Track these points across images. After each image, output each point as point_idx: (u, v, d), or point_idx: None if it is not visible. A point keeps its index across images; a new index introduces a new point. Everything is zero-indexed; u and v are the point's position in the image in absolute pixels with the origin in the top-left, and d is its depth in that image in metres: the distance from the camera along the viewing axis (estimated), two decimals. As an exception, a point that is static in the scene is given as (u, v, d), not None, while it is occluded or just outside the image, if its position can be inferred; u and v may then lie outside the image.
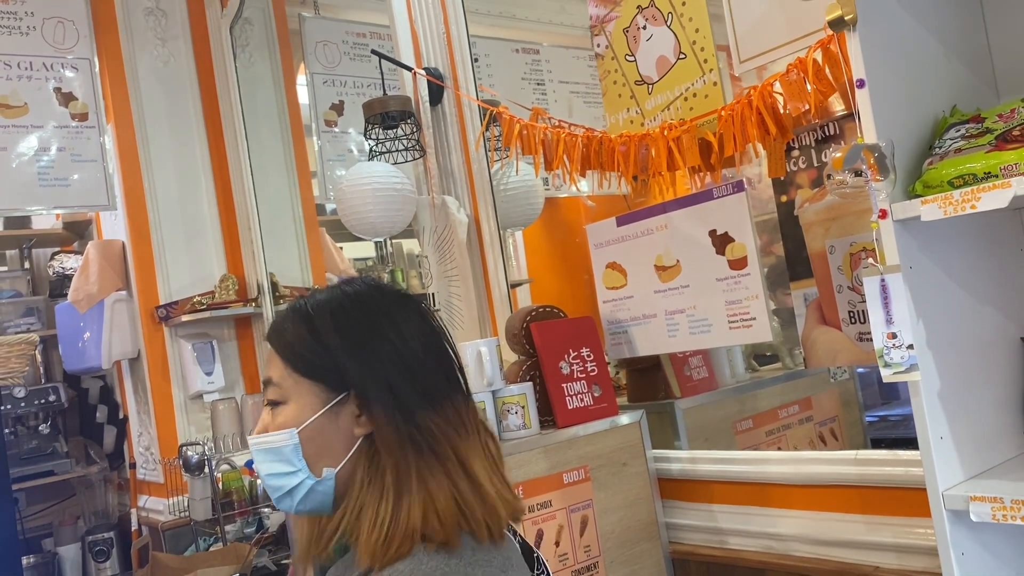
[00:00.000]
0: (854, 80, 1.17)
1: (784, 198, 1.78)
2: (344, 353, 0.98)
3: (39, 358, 3.72)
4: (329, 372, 0.99)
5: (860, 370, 2.51)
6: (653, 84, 1.95)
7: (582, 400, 2.01)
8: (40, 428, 3.50)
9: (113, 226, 3.46)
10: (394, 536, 0.90)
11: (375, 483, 0.95)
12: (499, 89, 3.31)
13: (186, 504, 2.83)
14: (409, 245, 5.32)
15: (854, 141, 1.17)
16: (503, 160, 2.53)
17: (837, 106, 1.71)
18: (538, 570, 1.03)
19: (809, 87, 1.58)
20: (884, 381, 1.14)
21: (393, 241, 5.31)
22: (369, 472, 0.96)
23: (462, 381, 1.03)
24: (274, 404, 1.02)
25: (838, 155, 1.14)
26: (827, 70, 1.56)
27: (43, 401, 3.49)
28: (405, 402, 0.95)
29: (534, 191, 2.64)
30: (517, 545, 1.00)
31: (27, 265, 3.94)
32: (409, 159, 2.51)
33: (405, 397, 0.95)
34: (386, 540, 0.90)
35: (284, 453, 0.99)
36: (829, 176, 1.15)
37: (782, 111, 1.66)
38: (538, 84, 3.76)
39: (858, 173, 1.14)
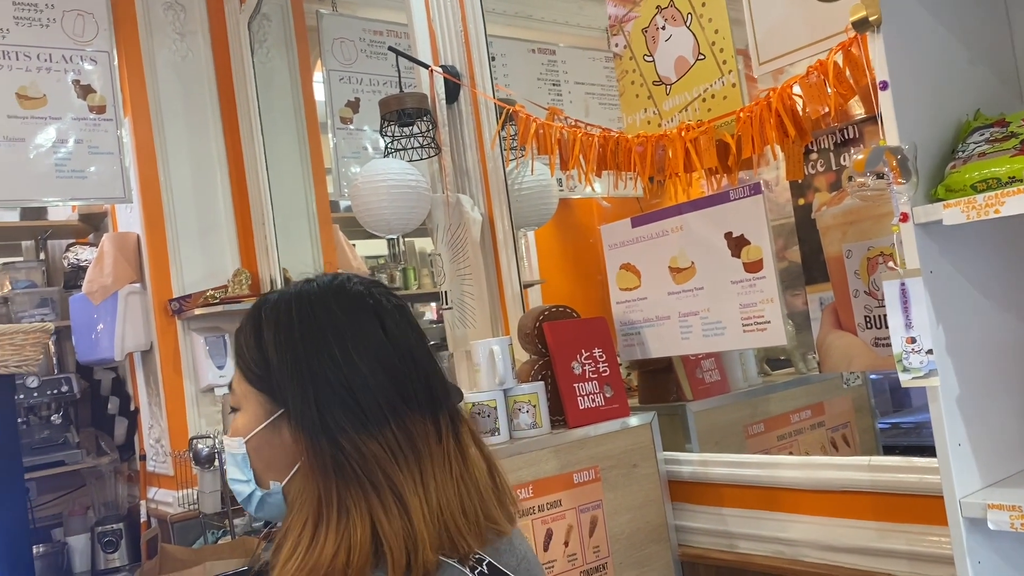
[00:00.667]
0: (877, 82, 1.16)
1: (801, 201, 1.77)
2: (281, 369, 0.92)
3: (52, 348, 3.74)
4: (269, 386, 0.93)
5: (873, 376, 2.49)
6: (671, 85, 1.94)
7: (593, 400, 2.00)
8: (52, 418, 3.52)
9: (128, 219, 3.48)
10: (303, 571, 0.84)
11: (303, 508, 0.89)
12: (515, 89, 3.31)
13: (195, 497, 2.84)
14: (422, 243, 5.33)
15: (876, 143, 1.16)
16: (518, 159, 2.53)
17: (857, 109, 1.70)
18: None
19: (829, 90, 1.57)
20: (903, 386, 1.13)
21: (405, 239, 5.32)
22: (302, 495, 0.90)
23: (435, 395, 0.94)
24: (233, 410, 0.98)
25: (860, 157, 1.13)
26: (848, 73, 1.55)
27: (55, 391, 3.51)
28: (333, 426, 0.87)
29: (548, 191, 2.63)
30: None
31: (42, 256, 3.96)
32: (424, 157, 2.50)
33: (336, 420, 0.87)
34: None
35: (237, 460, 0.96)
36: (850, 178, 1.14)
37: (801, 113, 1.65)
38: (554, 85, 3.75)
39: (880, 176, 1.13)
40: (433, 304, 5.54)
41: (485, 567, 0.89)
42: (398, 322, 0.95)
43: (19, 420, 3.34)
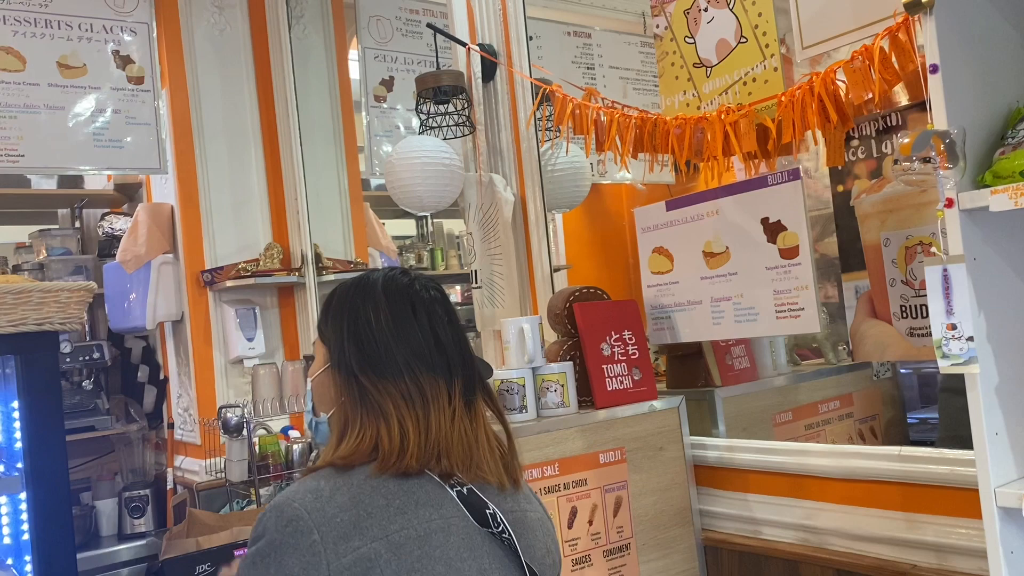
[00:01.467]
0: (927, 65, 1.15)
1: (840, 188, 1.76)
2: (328, 328, 1.24)
3: (85, 316, 3.80)
4: (328, 340, 1.24)
5: (903, 371, 2.47)
6: (712, 67, 1.93)
7: (621, 382, 2.00)
8: (83, 384, 3.58)
9: (163, 190, 3.51)
10: (323, 462, 1.15)
11: (338, 429, 1.20)
12: (549, 71, 3.30)
13: (222, 465, 2.88)
14: (450, 225, 5.34)
15: (923, 128, 1.15)
16: (553, 140, 2.52)
17: (901, 97, 1.68)
18: (498, 528, 1.14)
19: (874, 75, 1.55)
20: (941, 372, 1.13)
21: (434, 220, 5.34)
22: (340, 419, 1.21)
23: (450, 366, 1.20)
24: (313, 358, 1.31)
25: (907, 140, 1.12)
26: (894, 59, 1.53)
27: (87, 358, 3.56)
28: (360, 369, 1.18)
29: (582, 173, 2.63)
30: (450, 494, 1.13)
31: (78, 224, 4.01)
32: (459, 135, 2.51)
33: (362, 366, 1.18)
34: (312, 465, 1.17)
35: (308, 394, 1.30)
36: (896, 161, 1.13)
37: (844, 99, 1.64)
38: (588, 68, 3.73)
39: (926, 160, 1.12)
40: (458, 287, 5.56)
41: (465, 490, 1.14)
42: (428, 308, 1.23)
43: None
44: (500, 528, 1.14)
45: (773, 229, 1.82)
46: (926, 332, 1.61)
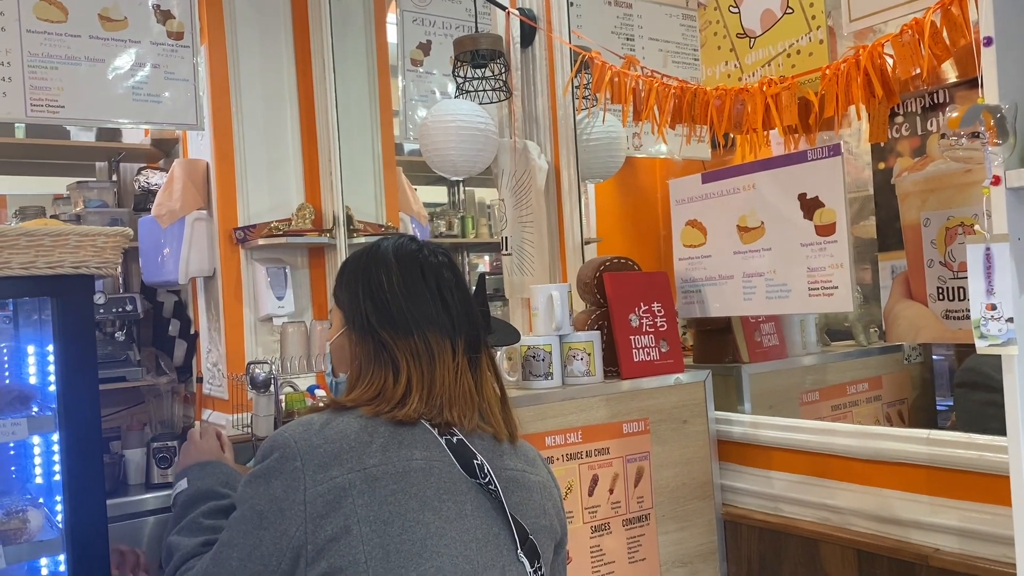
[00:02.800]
0: (981, 38, 1.12)
1: (882, 165, 1.72)
2: (343, 291, 1.33)
3: (119, 268, 3.85)
4: (343, 305, 1.33)
5: (936, 357, 2.44)
6: (755, 38, 1.89)
7: (648, 354, 2.00)
8: (116, 335, 3.63)
9: (199, 146, 3.54)
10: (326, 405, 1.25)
11: (351, 380, 1.29)
12: (589, 39, 3.26)
13: (248, 420, 2.91)
14: (481, 193, 5.33)
15: (973, 103, 1.12)
16: (589, 108, 2.50)
17: (949, 73, 1.64)
18: (484, 479, 1.20)
19: (923, 50, 1.52)
20: (978, 352, 1.11)
21: (466, 188, 5.33)
22: (353, 374, 1.30)
23: (454, 325, 1.28)
24: (330, 324, 1.40)
25: (955, 115, 1.10)
26: (945, 33, 1.50)
27: (120, 310, 3.61)
28: (374, 326, 1.26)
29: (617, 143, 2.61)
30: (439, 441, 1.21)
31: (114, 178, 4.05)
32: (495, 100, 2.49)
33: (376, 323, 1.26)
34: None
35: (327, 356, 1.46)
36: (943, 136, 1.10)
37: (891, 74, 1.60)
38: (627, 39, 3.68)
39: (975, 135, 1.09)
40: (487, 257, 5.56)
41: (455, 440, 1.22)
42: (436, 271, 1.31)
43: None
44: (487, 479, 1.20)
45: (810, 205, 1.80)
46: (962, 315, 1.59)
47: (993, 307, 1.10)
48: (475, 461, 1.21)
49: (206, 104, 3.39)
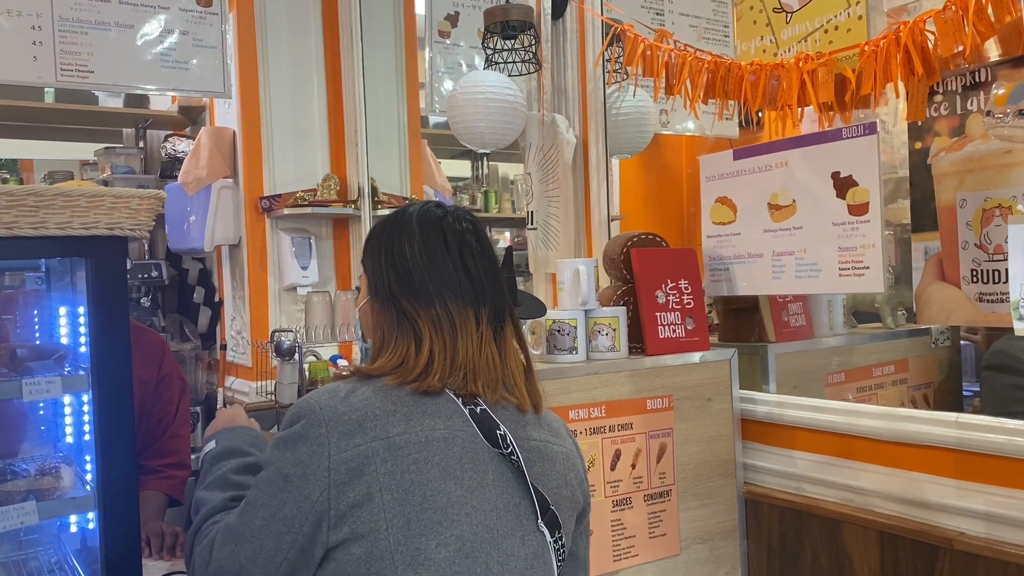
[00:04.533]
0: (1031, 13, 1.09)
1: (919, 145, 1.70)
2: (368, 259, 1.33)
3: (153, 224, 3.87)
4: (368, 271, 1.33)
5: (964, 342, 2.41)
6: (793, 13, 1.87)
7: (674, 331, 1.99)
8: (142, 301, 3.67)
9: (226, 114, 3.54)
10: (366, 369, 1.25)
11: (375, 348, 1.30)
12: (620, 11, 3.22)
13: (271, 388, 2.94)
14: (505, 168, 5.32)
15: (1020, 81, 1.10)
16: (620, 82, 2.47)
17: (992, 51, 1.61)
18: (507, 450, 1.21)
19: (967, 27, 1.49)
20: (1016, 334, 1.09)
21: (490, 163, 5.32)
22: (378, 342, 1.30)
23: (478, 294, 1.27)
24: (358, 290, 1.42)
25: (1001, 92, 1.08)
26: (990, 9, 1.47)
27: (146, 276, 3.65)
28: (397, 294, 1.26)
29: (647, 118, 2.59)
30: (463, 410, 1.21)
31: (141, 144, 4.07)
32: (524, 72, 2.47)
33: (398, 291, 1.26)
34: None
35: (357, 323, 1.43)
36: (988, 113, 1.08)
37: (932, 51, 1.57)
38: (657, 14, 3.63)
39: (1021, 113, 1.07)
40: (507, 232, 5.55)
41: (479, 410, 1.22)
42: (459, 239, 1.29)
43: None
44: (509, 450, 1.21)
45: (843, 184, 1.77)
46: (996, 298, 1.56)
47: (1033, 289, 1.09)
48: (498, 431, 1.21)
49: (233, 72, 3.39)
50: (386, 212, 3.33)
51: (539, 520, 1.21)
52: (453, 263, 1.27)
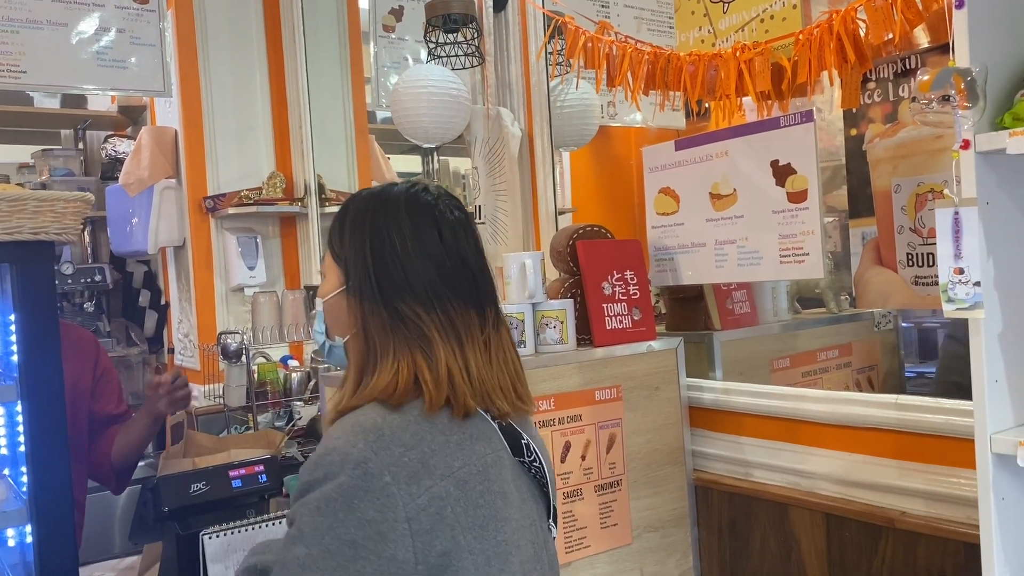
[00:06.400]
0: (952, 0, 1.11)
1: (854, 132, 1.72)
2: (348, 247, 1.14)
3: (87, 238, 3.79)
4: (343, 261, 1.15)
5: (905, 324, 2.46)
6: (729, 3, 1.88)
7: (621, 322, 2.00)
8: (85, 306, 3.59)
9: (167, 113, 3.47)
10: (358, 395, 1.08)
11: (362, 358, 1.12)
12: (566, 5, 3.22)
13: (220, 391, 2.89)
14: (456, 163, 5.28)
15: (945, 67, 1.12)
16: (563, 75, 2.47)
17: (921, 39, 1.64)
18: (530, 457, 1.14)
19: (896, 14, 1.51)
20: (946, 316, 1.11)
21: (440, 157, 5.28)
22: (361, 349, 1.12)
23: (480, 292, 1.14)
24: (321, 275, 1.21)
25: (926, 78, 1.09)
26: (918, -3, 1.49)
27: (89, 280, 3.56)
28: (386, 292, 1.10)
29: (591, 110, 2.59)
30: (494, 427, 1.11)
31: (81, 146, 3.98)
32: (467, 66, 2.46)
33: (387, 288, 1.10)
34: (348, 399, 1.09)
35: (319, 315, 1.21)
36: (914, 99, 1.10)
37: (863, 39, 1.59)
38: (603, 6, 3.64)
39: (945, 98, 1.09)
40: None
41: (504, 423, 1.12)
42: (454, 230, 1.14)
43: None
44: (532, 457, 1.14)
45: (782, 172, 1.79)
46: (931, 281, 1.60)
47: (961, 271, 1.11)
48: (522, 441, 1.13)
49: (173, 70, 3.32)
50: (334, 209, 3.29)
51: (549, 520, 1.19)
52: (451, 258, 1.12)
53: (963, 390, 1.35)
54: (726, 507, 1.96)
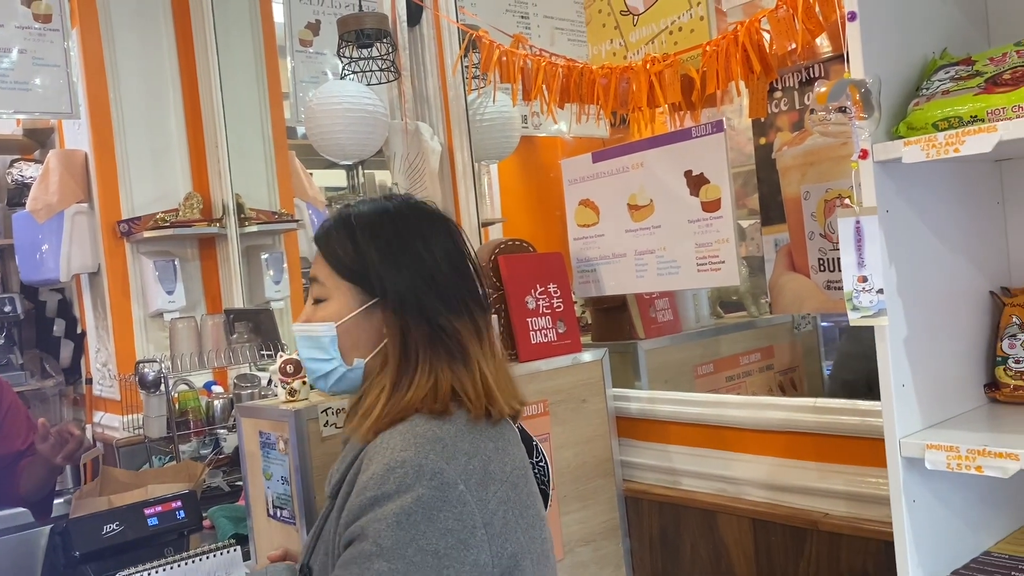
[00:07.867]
0: (846, 13, 1.13)
1: (763, 140, 1.75)
2: (379, 264, 1.13)
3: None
4: (365, 279, 1.14)
5: (824, 324, 2.51)
6: (639, 15, 1.89)
7: (546, 335, 1.99)
8: (-6, 338, 3.43)
9: (76, 135, 3.35)
10: (395, 408, 1.09)
11: (386, 375, 1.12)
12: (482, 18, 3.21)
13: (141, 422, 2.80)
14: (382, 176, 5.22)
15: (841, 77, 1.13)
16: (480, 89, 2.46)
17: (824, 48, 1.67)
18: (537, 457, 1.22)
19: (798, 25, 1.54)
20: (851, 324, 1.13)
21: (365, 171, 5.22)
22: (385, 366, 1.13)
23: (482, 297, 1.18)
24: (318, 300, 1.18)
25: (823, 90, 1.10)
26: (817, 8, 1.52)
27: (-2, 311, 3.41)
28: (426, 307, 1.11)
29: (511, 123, 2.58)
30: (514, 428, 1.16)
31: (-16, 171, 3.82)
32: (383, 81, 2.43)
33: (428, 303, 1.11)
34: (386, 413, 1.09)
35: (322, 343, 1.16)
36: (812, 111, 1.11)
37: (768, 49, 1.62)
38: (522, 17, 3.65)
39: (842, 110, 1.10)
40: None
41: (519, 425, 1.19)
42: (462, 238, 1.19)
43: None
44: (539, 458, 1.25)
45: (696, 182, 1.81)
46: (842, 285, 1.62)
47: (864, 279, 1.13)
48: (533, 442, 1.23)
49: (81, 90, 3.21)
50: (255, 229, 3.21)
51: None
52: (468, 267, 1.17)
53: (853, 388, 1.39)
54: (656, 517, 1.96)
